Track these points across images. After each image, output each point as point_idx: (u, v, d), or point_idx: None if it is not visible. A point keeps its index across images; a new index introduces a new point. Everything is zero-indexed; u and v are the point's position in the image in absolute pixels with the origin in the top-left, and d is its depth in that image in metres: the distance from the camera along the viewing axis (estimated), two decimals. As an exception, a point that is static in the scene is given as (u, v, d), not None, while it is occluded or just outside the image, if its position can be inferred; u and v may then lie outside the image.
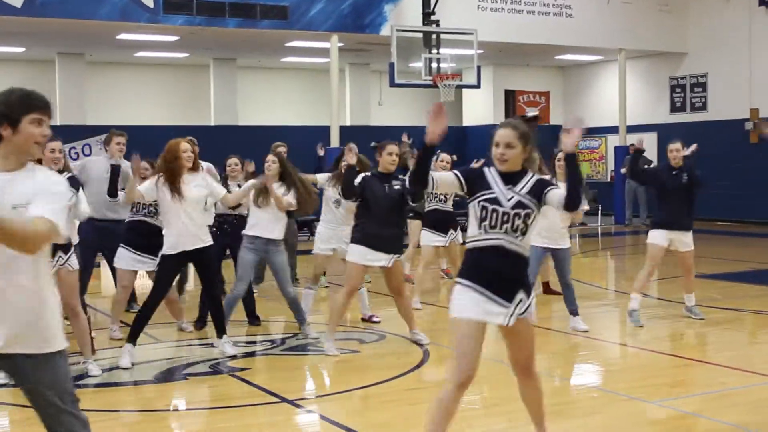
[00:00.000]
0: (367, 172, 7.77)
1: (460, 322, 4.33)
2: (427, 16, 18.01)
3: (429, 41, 17.95)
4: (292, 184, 8.11)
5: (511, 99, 24.60)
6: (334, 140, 17.67)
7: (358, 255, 7.63)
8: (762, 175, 20.40)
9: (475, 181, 4.39)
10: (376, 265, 7.71)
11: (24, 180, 3.37)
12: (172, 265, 7.37)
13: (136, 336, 7.32)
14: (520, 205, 4.33)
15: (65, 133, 8.14)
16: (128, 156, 8.01)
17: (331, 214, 8.88)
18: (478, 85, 19.30)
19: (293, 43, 19.41)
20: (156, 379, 7.03)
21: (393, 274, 7.79)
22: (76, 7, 15.46)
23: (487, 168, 4.46)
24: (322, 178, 9.16)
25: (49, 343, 3.46)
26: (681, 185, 8.71)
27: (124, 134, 8.87)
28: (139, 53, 21.16)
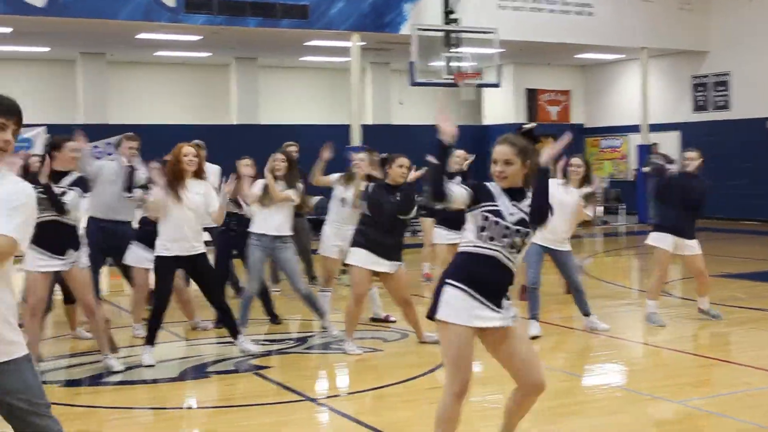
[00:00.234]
0: (373, 182, 7.83)
1: (454, 329, 4.21)
2: (447, 14, 17.96)
3: (449, 40, 17.92)
4: (293, 185, 8.16)
5: (532, 98, 24.56)
6: (355, 139, 17.68)
7: (360, 259, 7.63)
8: (787, 174, 20.24)
9: (481, 193, 4.30)
10: (379, 270, 7.69)
11: None
12: (168, 265, 7.35)
13: (153, 339, 7.35)
14: (522, 222, 4.27)
15: (88, 132, 8.14)
16: (146, 158, 8.04)
17: (337, 213, 8.85)
18: (498, 84, 19.24)
19: (313, 43, 19.43)
20: (179, 377, 7.07)
21: (397, 283, 7.80)
22: (98, 7, 15.54)
23: (492, 183, 4.35)
24: (333, 178, 9.12)
25: (13, 348, 3.35)
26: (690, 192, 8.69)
27: (137, 138, 8.87)
28: (160, 53, 21.25)
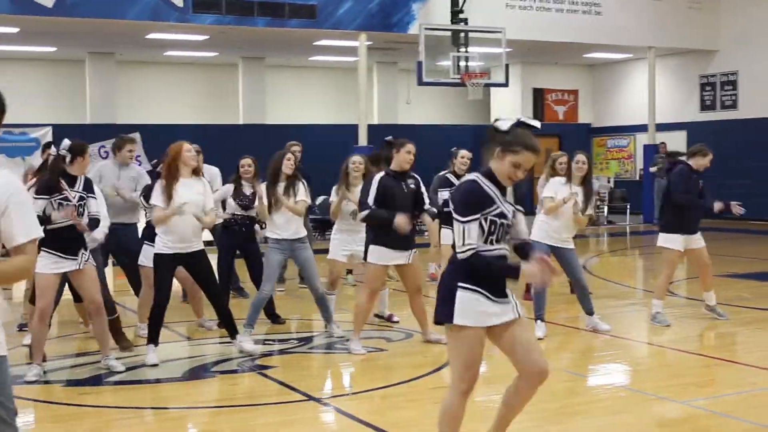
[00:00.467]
0: (380, 173, 7.69)
1: (470, 331, 4.22)
2: (455, 14, 17.98)
3: (457, 40, 17.93)
4: (293, 185, 8.12)
5: (540, 97, 24.54)
6: (362, 139, 17.70)
7: (379, 256, 7.63)
8: (795, 174, 20.18)
9: (485, 202, 4.24)
10: (397, 263, 7.71)
11: None
12: (167, 262, 7.38)
13: (156, 338, 7.37)
14: (513, 214, 4.34)
15: (96, 132, 8.22)
16: (152, 159, 8.05)
17: (347, 224, 8.68)
18: (506, 84, 19.23)
19: (321, 42, 19.46)
20: (183, 377, 7.08)
21: (412, 271, 7.80)
22: (107, 7, 15.60)
23: (479, 180, 4.28)
24: (338, 200, 8.94)
25: None
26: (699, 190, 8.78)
27: (135, 140, 8.88)
28: (168, 52, 21.31)
